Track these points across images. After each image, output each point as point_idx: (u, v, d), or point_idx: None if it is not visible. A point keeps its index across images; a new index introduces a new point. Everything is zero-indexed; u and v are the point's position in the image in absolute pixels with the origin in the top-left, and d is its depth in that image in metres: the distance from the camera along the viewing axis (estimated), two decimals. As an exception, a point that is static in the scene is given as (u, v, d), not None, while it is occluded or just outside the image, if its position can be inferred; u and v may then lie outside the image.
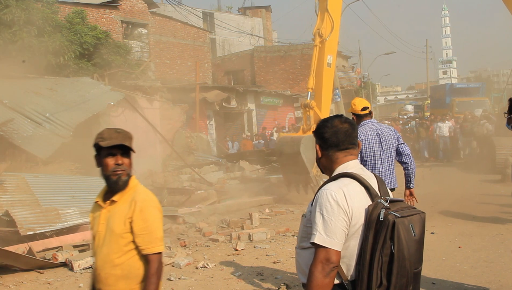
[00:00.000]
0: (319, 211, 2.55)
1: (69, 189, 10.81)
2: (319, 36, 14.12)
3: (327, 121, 2.83)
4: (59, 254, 8.29)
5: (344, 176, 2.67)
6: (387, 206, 2.53)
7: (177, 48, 28.79)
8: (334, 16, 14.22)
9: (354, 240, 2.57)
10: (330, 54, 14.34)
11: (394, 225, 2.46)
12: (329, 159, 2.79)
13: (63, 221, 9.59)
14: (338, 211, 2.52)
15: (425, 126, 26.10)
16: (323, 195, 2.59)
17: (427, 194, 14.22)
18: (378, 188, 2.72)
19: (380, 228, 2.47)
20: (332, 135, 2.76)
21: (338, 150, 2.76)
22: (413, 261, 2.53)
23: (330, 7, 14.10)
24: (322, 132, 2.80)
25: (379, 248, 2.47)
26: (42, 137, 12.55)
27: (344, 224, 2.53)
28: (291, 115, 31.99)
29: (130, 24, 26.68)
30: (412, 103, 53.68)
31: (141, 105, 17.79)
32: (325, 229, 2.51)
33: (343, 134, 2.76)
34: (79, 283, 7.39)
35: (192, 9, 34.56)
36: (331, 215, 2.52)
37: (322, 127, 2.82)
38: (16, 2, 15.82)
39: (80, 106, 14.18)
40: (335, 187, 2.60)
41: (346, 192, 2.57)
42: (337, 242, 2.50)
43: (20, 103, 12.98)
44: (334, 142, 2.76)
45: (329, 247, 2.49)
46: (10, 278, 7.62)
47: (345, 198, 2.55)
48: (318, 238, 2.50)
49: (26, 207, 9.57)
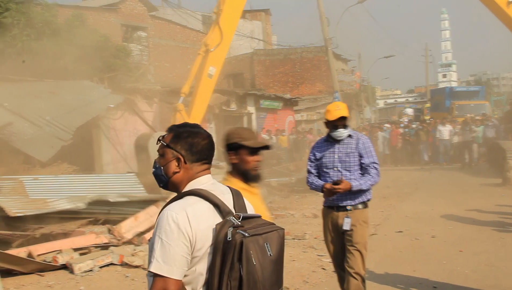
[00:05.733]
0: (158, 235, 2.23)
1: (67, 189, 10.84)
2: (204, 46, 14.26)
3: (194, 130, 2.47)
4: (59, 256, 8.29)
5: (189, 194, 2.35)
6: (237, 224, 2.22)
7: (176, 51, 28.81)
8: (225, 31, 14.37)
9: (202, 264, 2.27)
10: (213, 65, 14.43)
11: (242, 245, 2.16)
12: (188, 174, 2.43)
13: (51, 207, 9.65)
14: (178, 235, 2.21)
15: (425, 129, 26.16)
16: (163, 217, 2.26)
17: (427, 198, 14.23)
18: (233, 204, 2.43)
19: (228, 249, 2.18)
20: (204, 147, 2.44)
21: (201, 164, 2.44)
22: (268, 284, 2.25)
23: (221, 21, 14.27)
24: (193, 143, 2.43)
25: (227, 272, 2.17)
26: (42, 140, 12.56)
27: (185, 249, 2.22)
28: (291, 118, 31.96)
29: (129, 27, 26.70)
30: (412, 107, 53.70)
31: (140, 108, 17.81)
32: (162, 256, 2.20)
33: (211, 148, 2.48)
34: (80, 286, 7.37)
35: (192, 12, 34.59)
36: (171, 240, 2.21)
37: (193, 137, 2.44)
38: (16, 6, 15.84)
39: (80, 109, 14.20)
40: (178, 208, 2.27)
41: (190, 213, 2.25)
42: (176, 270, 2.20)
43: (20, 106, 13.00)
44: (203, 155, 2.44)
45: (166, 276, 2.19)
46: (11, 281, 7.60)
47: (188, 220, 2.23)
48: (155, 266, 2.20)
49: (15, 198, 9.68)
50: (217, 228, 2.23)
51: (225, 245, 2.19)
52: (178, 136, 2.44)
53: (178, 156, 2.41)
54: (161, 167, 2.47)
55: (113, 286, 7.36)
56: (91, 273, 7.95)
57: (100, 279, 7.75)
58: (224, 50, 14.78)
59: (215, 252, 2.22)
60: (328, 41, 29.22)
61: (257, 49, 38.34)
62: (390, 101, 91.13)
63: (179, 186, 2.45)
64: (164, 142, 2.46)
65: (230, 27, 14.79)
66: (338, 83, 30.21)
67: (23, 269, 7.92)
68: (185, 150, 2.41)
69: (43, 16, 16.85)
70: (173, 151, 2.42)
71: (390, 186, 16.84)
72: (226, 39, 14.48)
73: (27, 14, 15.97)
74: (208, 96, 15.22)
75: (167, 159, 2.45)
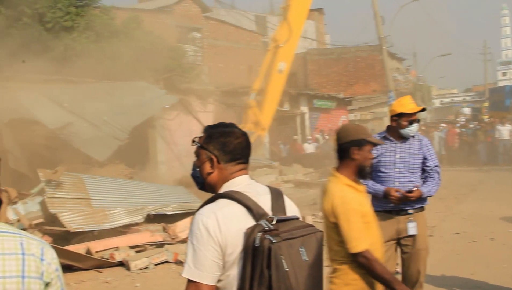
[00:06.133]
0: (190, 240, 2.23)
1: (123, 191, 11.12)
2: (274, 41, 14.10)
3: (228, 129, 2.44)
4: (116, 253, 8.50)
5: (221, 197, 2.30)
6: (268, 228, 2.15)
7: (230, 51, 29.03)
8: (294, 26, 14.22)
9: (234, 269, 2.21)
10: (283, 61, 14.26)
11: (270, 251, 2.08)
12: (222, 174, 2.39)
13: (110, 221, 9.88)
14: (208, 240, 2.17)
15: (483, 129, 25.48)
16: (194, 221, 2.25)
17: (485, 199, 13.85)
18: (271, 205, 2.34)
19: (256, 255, 2.11)
20: (236, 146, 2.38)
21: (236, 165, 2.39)
22: None
23: (290, 16, 14.13)
24: (225, 142, 2.38)
25: (257, 278, 2.11)
26: (100, 140, 12.90)
27: (216, 254, 2.18)
28: (345, 118, 31.70)
29: (184, 28, 27.08)
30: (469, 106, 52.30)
31: (195, 108, 18.04)
32: (194, 261, 2.18)
33: (246, 147, 2.42)
34: (136, 283, 7.54)
35: (245, 13, 34.77)
36: (201, 244, 2.18)
37: (225, 137, 2.40)
38: (76, 9, 16.32)
39: (136, 109, 14.51)
40: (208, 212, 2.24)
41: (220, 217, 2.20)
42: (207, 275, 2.17)
43: (79, 107, 13.38)
44: (236, 155, 2.38)
45: (198, 282, 2.17)
46: (71, 277, 7.85)
47: (217, 224, 2.19)
48: (187, 271, 2.19)
49: (77, 206, 9.93)
50: (247, 232, 2.18)
51: (254, 251, 2.12)
52: (210, 136, 2.41)
53: (211, 157, 2.38)
54: (197, 169, 2.45)
55: (168, 284, 7.49)
56: (146, 271, 8.12)
57: (156, 276, 7.91)
58: (293, 45, 14.78)
59: (245, 257, 2.16)
60: (382, 40, 28.86)
61: (310, 49, 38.18)
62: (446, 100, 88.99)
63: (215, 187, 2.41)
64: (198, 143, 2.44)
65: (299, 22, 14.78)
66: (392, 82, 29.78)
67: (82, 265, 8.17)
68: (217, 150, 2.38)
69: (101, 19, 17.30)
70: (207, 152, 2.39)
71: (447, 187, 16.41)
72: (295, 34, 14.49)
73: (86, 17, 16.44)
74: (279, 91, 15.30)
75: (201, 160, 2.42)
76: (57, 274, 1.85)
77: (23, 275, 1.74)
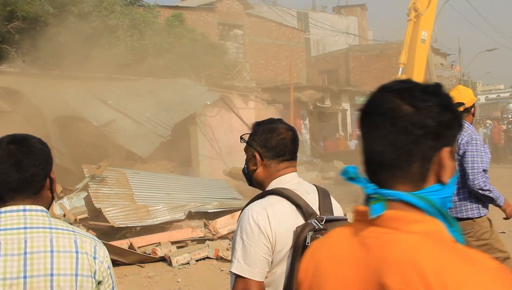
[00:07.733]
0: (240, 235, 2.23)
1: (165, 187, 11.28)
2: (414, 11, 13.73)
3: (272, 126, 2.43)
4: (158, 249, 8.63)
5: (271, 194, 2.30)
6: (318, 228, 2.14)
7: (271, 48, 29.02)
8: None
9: (282, 267, 2.22)
10: (425, 29, 13.90)
11: None
12: (268, 171, 2.39)
13: (153, 217, 10.03)
14: (259, 236, 2.18)
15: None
16: (244, 217, 2.25)
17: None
18: (318, 204, 2.33)
19: None
20: (279, 143, 2.37)
21: (281, 161, 2.39)
22: None
23: None
24: (267, 139, 2.37)
25: None
26: (143, 136, 13.11)
27: (266, 250, 2.18)
28: (387, 114, 31.36)
29: (226, 25, 27.21)
30: (516, 102, 50.89)
31: (236, 105, 18.11)
32: (244, 257, 2.17)
33: (290, 143, 2.40)
34: (178, 278, 7.64)
35: (287, 9, 34.70)
36: (251, 240, 2.18)
37: (267, 133, 2.39)
38: (120, 8, 16.62)
39: (178, 106, 14.67)
40: (259, 208, 2.24)
41: (271, 214, 2.21)
42: (257, 272, 2.17)
43: (123, 104, 13.61)
44: (280, 151, 2.37)
45: (248, 278, 2.16)
46: (114, 271, 7.99)
47: (268, 220, 2.19)
48: (236, 266, 2.18)
49: (120, 201, 10.14)
50: (297, 231, 2.18)
51: (304, 249, 2.08)
52: (254, 133, 2.43)
53: (254, 153, 2.40)
54: (245, 165, 2.49)
55: (209, 279, 7.56)
56: (188, 266, 8.22)
57: (197, 271, 8.00)
58: (433, 12, 14.51)
59: (295, 256, 2.15)
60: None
61: (352, 45, 37.83)
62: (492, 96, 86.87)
63: (262, 184, 2.42)
64: (244, 140, 2.47)
65: None
66: (436, 78, 29.23)
67: (125, 260, 8.32)
68: (260, 146, 2.38)
69: (145, 17, 17.56)
70: (251, 149, 2.42)
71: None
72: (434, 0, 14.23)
73: (130, 15, 16.71)
74: (424, 62, 14.99)
75: (248, 157, 2.45)
76: (108, 272, 1.89)
77: (76, 273, 1.78)
